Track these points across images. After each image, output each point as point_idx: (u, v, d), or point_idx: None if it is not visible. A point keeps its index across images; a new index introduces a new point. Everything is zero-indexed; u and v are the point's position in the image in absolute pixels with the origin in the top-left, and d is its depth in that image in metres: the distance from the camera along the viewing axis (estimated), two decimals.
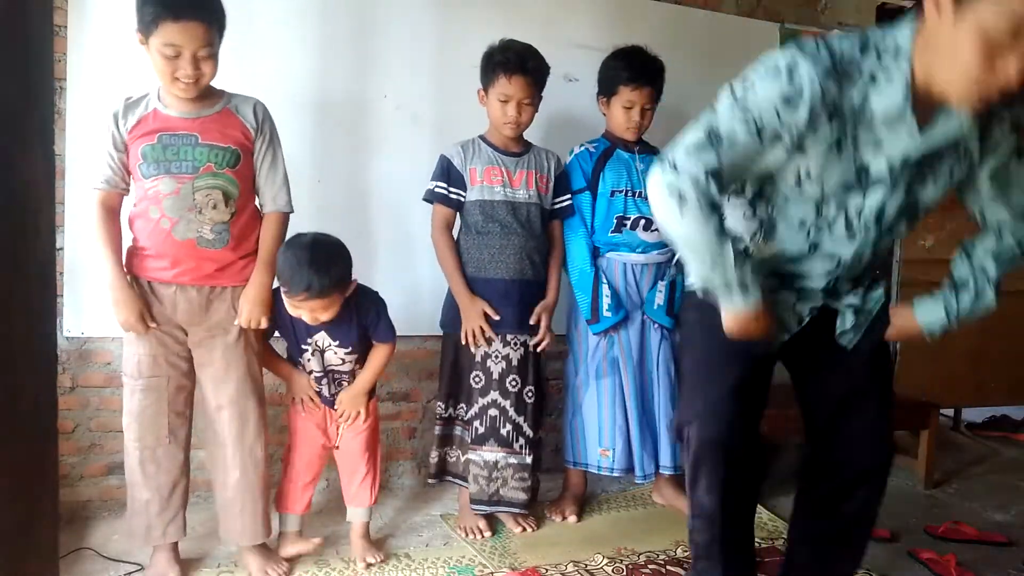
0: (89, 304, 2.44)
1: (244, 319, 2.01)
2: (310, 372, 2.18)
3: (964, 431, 4.19)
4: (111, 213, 1.97)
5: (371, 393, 2.24)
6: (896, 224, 1.52)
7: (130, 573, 2.08)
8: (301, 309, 1.99)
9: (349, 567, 2.17)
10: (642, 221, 2.57)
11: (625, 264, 2.59)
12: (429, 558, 2.26)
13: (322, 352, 2.14)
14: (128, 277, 1.97)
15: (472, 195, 2.41)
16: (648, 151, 2.67)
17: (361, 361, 2.20)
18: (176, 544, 2.08)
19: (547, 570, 2.19)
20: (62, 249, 2.40)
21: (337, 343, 2.13)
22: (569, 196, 2.55)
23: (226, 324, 2.02)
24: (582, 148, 2.64)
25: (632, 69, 2.52)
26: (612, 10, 3.08)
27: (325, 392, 2.20)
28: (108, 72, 2.43)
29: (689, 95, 3.23)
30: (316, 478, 2.25)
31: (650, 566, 2.24)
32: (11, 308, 1.03)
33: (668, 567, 2.23)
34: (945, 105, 1.34)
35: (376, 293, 2.20)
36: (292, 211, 2.11)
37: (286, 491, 2.21)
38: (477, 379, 2.40)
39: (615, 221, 2.57)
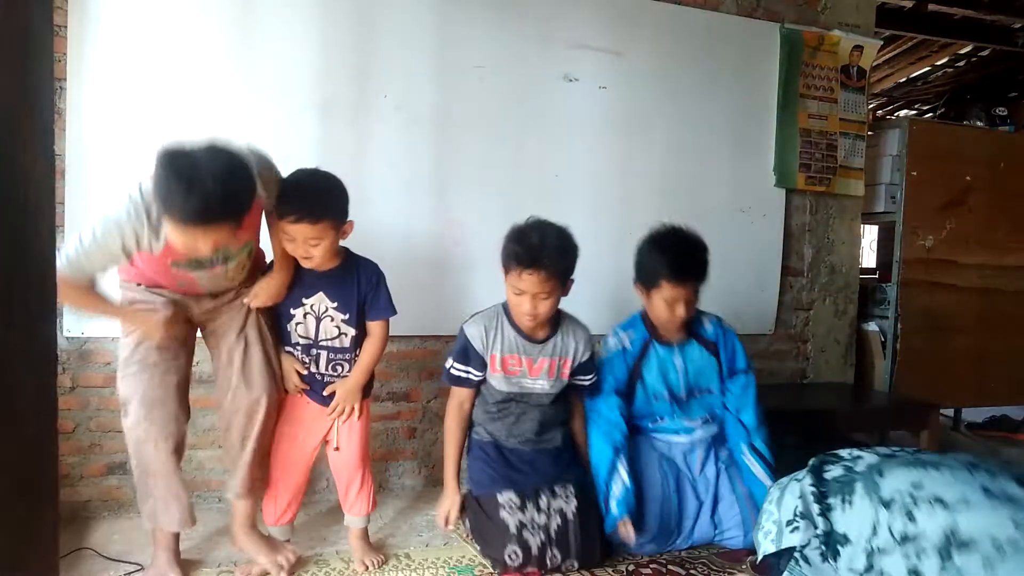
0: None
1: (256, 302, 2.05)
2: (295, 344, 2.11)
3: (964, 431, 4.20)
4: (89, 285, 1.83)
5: (366, 391, 2.21)
6: None
7: (130, 573, 2.07)
8: (294, 238, 1.95)
9: (349, 567, 2.17)
10: (684, 421, 2.43)
11: (670, 444, 2.43)
12: (429, 558, 2.26)
13: (318, 320, 2.10)
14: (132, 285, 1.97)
15: (493, 380, 2.28)
16: (690, 336, 2.45)
17: (358, 342, 2.15)
18: (177, 544, 2.08)
19: None
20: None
21: (336, 305, 2.09)
22: (595, 376, 2.37)
23: (234, 303, 2.06)
24: (616, 347, 2.42)
25: (675, 267, 2.28)
26: (612, 10, 3.08)
27: (313, 368, 2.13)
28: (108, 72, 2.43)
29: (689, 95, 3.25)
30: (301, 490, 2.19)
31: (651, 566, 2.24)
32: (11, 308, 1.03)
33: (669, 567, 2.23)
34: None
35: (377, 265, 2.17)
36: None
37: (267, 501, 2.15)
38: (513, 556, 2.10)
39: (656, 418, 2.44)
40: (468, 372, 2.28)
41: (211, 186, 1.58)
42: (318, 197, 1.93)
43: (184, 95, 2.51)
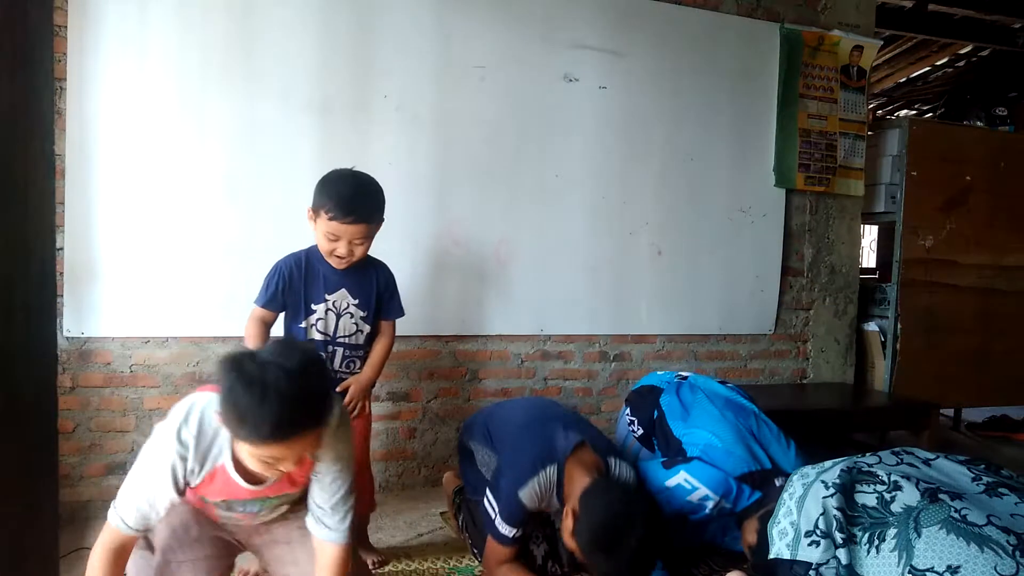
0: (89, 304, 2.44)
1: None
2: (310, 341, 2.05)
3: (964, 431, 4.20)
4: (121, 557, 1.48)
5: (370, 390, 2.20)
6: None
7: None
8: (339, 237, 1.95)
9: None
10: None
11: None
12: (429, 558, 2.26)
13: (338, 316, 2.09)
14: None
15: None
16: None
17: (370, 340, 2.14)
18: None
19: None
20: (62, 249, 2.41)
21: (357, 302, 2.09)
22: None
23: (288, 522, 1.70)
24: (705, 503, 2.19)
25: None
26: (612, 10, 3.08)
27: (327, 366, 2.09)
28: (108, 72, 2.43)
29: (689, 95, 3.25)
30: None
31: None
32: (11, 308, 1.03)
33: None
34: None
35: (388, 265, 2.19)
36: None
37: None
38: None
39: None
40: (523, 532, 2.02)
41: (290, 394, 1.27)
42: (372, 198, 1.96)
43: (184, 95, 2.51)
